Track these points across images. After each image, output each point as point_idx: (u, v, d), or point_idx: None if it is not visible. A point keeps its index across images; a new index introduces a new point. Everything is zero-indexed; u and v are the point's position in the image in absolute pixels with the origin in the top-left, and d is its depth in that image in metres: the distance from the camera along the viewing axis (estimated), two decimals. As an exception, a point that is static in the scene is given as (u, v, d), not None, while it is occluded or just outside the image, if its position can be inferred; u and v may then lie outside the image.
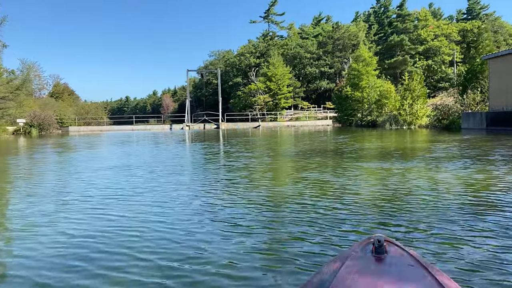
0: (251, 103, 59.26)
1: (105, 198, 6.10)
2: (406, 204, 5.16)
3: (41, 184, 7.75)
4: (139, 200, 5.87)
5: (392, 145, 15.29)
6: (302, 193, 6.09)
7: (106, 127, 46.82)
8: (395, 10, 76.05)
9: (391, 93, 34.63)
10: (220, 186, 7.04)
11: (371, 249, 1.63)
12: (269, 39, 76.14)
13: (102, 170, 9.68)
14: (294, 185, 6.90)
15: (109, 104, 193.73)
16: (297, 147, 15.76)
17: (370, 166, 9.10)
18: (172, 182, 7.63)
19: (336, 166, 9.24)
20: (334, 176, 7.72)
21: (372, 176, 7.81)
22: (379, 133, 25.45)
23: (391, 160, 10.13)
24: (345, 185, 6.75)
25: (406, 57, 65.09)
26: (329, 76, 67.82)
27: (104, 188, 6.99)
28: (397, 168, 8.45)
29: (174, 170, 9.37)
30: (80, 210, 5.28)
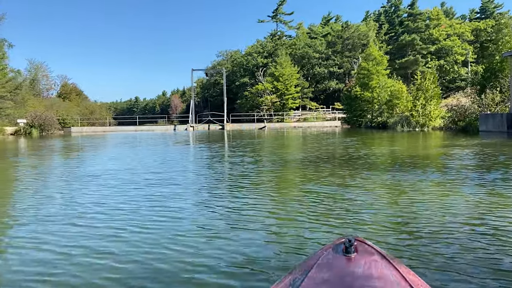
0: (258, 104, 57.97)
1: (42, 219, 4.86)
2: (429, 235, 3.87)
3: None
4: (82, 225, 4.64)
5: (405, 151, 13.79)
6: (306, 213, 5.00)
7: (109, 128, 45.86)
8: (406, 9, 74.37)
9: (403, 93, 33.02)
10: (204, 204, 5.78)
11: (342, 249, 1.66)
12: (277, 39, 74.85)
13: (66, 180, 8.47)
14: (297, 202, 5.76)
15: (119, 105, 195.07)
16: (301, 151, 14.41)
17: (381, 179, 7.73)
18: (141, 205, 6.38)
19: (343, 177, 7.91)
20: (341, 190, 6.47)
21: (383, 192, 6.49)
22: (390, 135, 24.00)
23: (405, 170, 8.74)
24: (353, 203, 5.52)
25: (418, 57, 63.42)
26: (338, 76, 66.40)
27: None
28: (412, 183, 7.07)
29: (151, 182, 8.13)
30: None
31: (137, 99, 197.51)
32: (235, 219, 4.80)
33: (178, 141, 23.81)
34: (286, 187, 7.17)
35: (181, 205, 5.63)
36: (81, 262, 3.42)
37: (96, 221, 4.79)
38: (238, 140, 23.72)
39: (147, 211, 5.27)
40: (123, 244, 3.90)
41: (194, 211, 5.28)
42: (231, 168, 9.93)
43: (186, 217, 4.93)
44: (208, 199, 6.02)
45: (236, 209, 5.28)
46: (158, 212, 5.22)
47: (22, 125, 37.59)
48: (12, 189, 7.64)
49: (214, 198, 6.10)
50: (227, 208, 5.34)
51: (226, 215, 4.99)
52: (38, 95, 66.44)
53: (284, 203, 5.69)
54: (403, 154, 12.31)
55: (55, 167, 11.28)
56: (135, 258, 3.51)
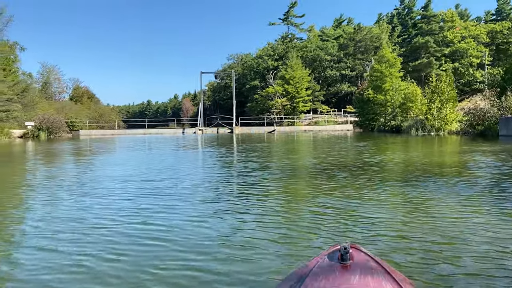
0: (269, 107, 57.12)
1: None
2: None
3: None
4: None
5: (424, 157, 12.75)
6: (318, 232, 4.34)
7: (118, 131, 45.43)
8: (419, 11, 73.14)
9: (417, 96, 31.89)
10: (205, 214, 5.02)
11: (338, 256, 1.65)
12: (288, 41, 74.06)
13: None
14: (308, 218, 5.03)
15: (131, 108, 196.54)
16: (311, 157, 13.56)
17: (400, 192, 6.88)
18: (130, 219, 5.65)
19: (358, 188, 7.08)
20: (357, 205, 5.66)
21: (405, 208, 5.66)
22: (404, 140, 23.02)
23: (427, 180, 7.87)
24: (371, 221, 4.73)
25: (432, 59, 62.16)
26: (350, 79, 65.39)
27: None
28: (436, 196, 6.23)
29: (143, 192, 7.42)
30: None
31: (149, 102, 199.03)
32: (235, 241, 4.05)
33: (185, 145, 23.15)
34: (295, 200, 6.36)
35: (175, 221, 4.88)
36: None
37: (61, 242, 4.06)
38: (246, 144, 22.96)
39: (129, 230, 4.53)
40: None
41: (189, 228, 4.54)
42: (236, 176, 9.18)
43: (177, 238, 4.17)
44: (206, 213, 5.27)
45: (238, 230, 4.52)
46: (136, 239, 4.48)
47: (30, 128, 37.34)
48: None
49: (213, 214, 5.33)
50: (228, 229, 4.58)
51: (224, 237, 4.23)
52: (50, 98, 66.69)
53: (293, 220, 4.91)
54: (422, 161, 11.31)
55: (39, 175, 10.63)
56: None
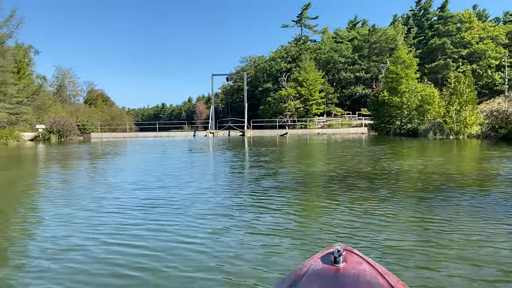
0: (282, 110, 56.29)
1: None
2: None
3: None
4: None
5: (446, 164, 11.66)
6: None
7: (129, 134, 45.10)
8: (436, 12, 71.72)
9: (435, 98, 30.75)
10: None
11: (331, 259, 1.64)
12: (302, 44, 73.20)
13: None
14: (323, 239, 4.27)
15: (145, 111, 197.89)
16: (324, 163, 12.71)
17: (424, 208, 6.07)
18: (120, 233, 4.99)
19: (378, 202, 6.28)
20: (377, 226, 4.86)
21: (430, 226, 4.88)
22: (422, 144, 22.01)
23: (460, 192, 7.03)
24: (395, 244, 3.94)
25: (448, 61, 60.71)
26: (365, 82, 64.25)
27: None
28: (475, 217, 5.41)
29: (140, 204, 6.75)
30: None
31: (164, 105, 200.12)
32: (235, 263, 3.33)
33: (194, 149, 22.51)
34: (307, 215, 5.59)
35: (164, 243, 4.18)
36: None
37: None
38: (257, 147, 22.22)
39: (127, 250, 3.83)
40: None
41: (179, 253, 3.83)
42: (242, 185, 8.46)
43: (162, 267, 3.47)
44: (202, 231, 4.56)
45: (236, 258, 3.79)
46: (112, 267, 3.79)
47: (41, 131, 37.19)
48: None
49: (210, 234, 4.62)
50: (224, 256, 3.86)
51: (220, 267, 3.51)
52: (65, 101, 67.04)
53: (305, 242, 4.17)
54: (447, 169, 10.26)
55: (26, 183, 10.06)
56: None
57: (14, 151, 22.43)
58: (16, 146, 27.55)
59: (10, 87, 32.88)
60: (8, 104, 33.24)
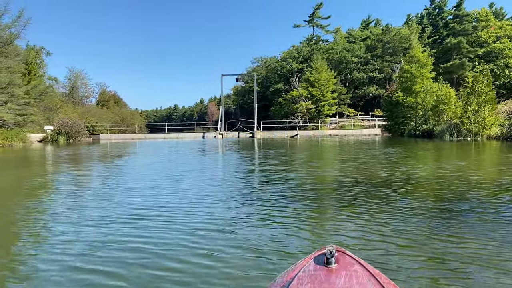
0: (293, 111, 55.34)
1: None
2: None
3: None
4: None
5: (466, 170, 10.59)
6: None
7: (138, 135, 44.69)
8: (451, 11, 70.17)
9: (451, 98, 29.64)
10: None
11: (323, 260, 1.64)
12: (313, 44, 72.25)
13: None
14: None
15: (158, 112, 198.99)
16: (336, 168, 11.83)
17: (458, 228, 5.28)
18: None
19: (390, 217, 5.51)
20: (399, 248, 4.06)
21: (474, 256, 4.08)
22: (438, 146, 21.04)
23: (483, 211, 6.22)
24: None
25: (464, 60, 59.18)
26: (378, 82, 63.07)
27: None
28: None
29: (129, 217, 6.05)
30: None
31: (176, 107, 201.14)
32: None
33: (200, 151, 21.86)
34: (317, 233, 4.84)
35: (145, 273, 3.48)
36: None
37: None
38: (266, 149, 21.49)
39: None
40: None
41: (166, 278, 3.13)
42: (245, 192, 7.72)
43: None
44: (195, 253, 3.84)
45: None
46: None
47: (49, 132, 36.95)
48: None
49: (202, 253, 3.91)
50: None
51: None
52: (77, 102, 67.17)
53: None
54: (473, 175, 9.19)
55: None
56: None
57: (14, 154, 21.97)
58: (20, 148, 27.13)
59: (17, 88, 32.59)
60: (16, 106, 32.96)
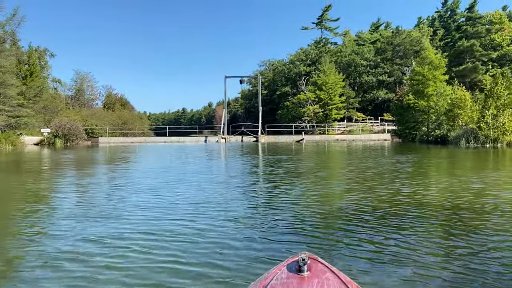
0: (300, 114, 53.52)
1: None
2: None
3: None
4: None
5: (496, 184, 8.91)
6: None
7: (138, 139, 43.30)
8: (463, 13, 68.27)
9: (466, 101, 27.79)
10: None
11: (296, 267, 1.64)
12: (322, 46, 70.62)
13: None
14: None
15: (167, 116, 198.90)
16: (342, 181, 10.13)
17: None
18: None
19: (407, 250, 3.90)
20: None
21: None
22: (455, 153, 19.27)
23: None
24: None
25: (477, 64, 57.20)
26: (388, 85, 61.22)
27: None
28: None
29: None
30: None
31: (184, 110, 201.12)
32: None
33: (198, 157, 20.34)
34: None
35: None
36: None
37: None
38: (268, 155, 19.94)
39: None
40: None
41: None
42: (235, 210, 6.17)
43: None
44: None
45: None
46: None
47: (46, 135, 35.76)
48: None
49: None
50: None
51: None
52: (83, 105, 66.21)
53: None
54: (497, 193, 7.73)
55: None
56: None
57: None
58: (7, 152, 25.62)
59: (10, 88, 31.31)
60: (8, 107, 31.65)
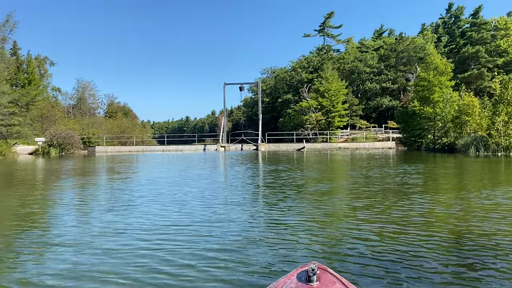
0: (302, 122, 52.29)
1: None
2: None
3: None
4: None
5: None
6: None
7: (136, 148, 42.19)
8: (468, 19, 67.20)
9: (475, 108, 26.56)
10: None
11: (306, 277, 1.63)
12: (324, 53, 69.61)
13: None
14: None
15: (170, 124, 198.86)
16: (345, 195, 9.01)
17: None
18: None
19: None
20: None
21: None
22: (465, 163, 18.01)
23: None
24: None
25: (483, 70, 55.96)
26: (392, 93, 60.08)
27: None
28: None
29: None
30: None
31: (188, 118, 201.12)
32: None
33: (192, 167, 19.19)
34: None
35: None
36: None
37: None
38: (267, 164, 18.74)
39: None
40: None
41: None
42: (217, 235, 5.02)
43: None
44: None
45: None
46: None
47: (40, 144, 34.76)
48: None
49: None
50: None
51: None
52: (84, 114, 65.44)
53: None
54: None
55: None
56: None
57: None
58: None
59: (1, 96, 30.27)
60: (1, 115, 30.63)
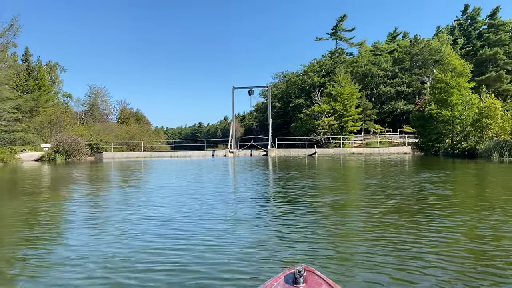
0: (315, 127, 51.03)
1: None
2: None
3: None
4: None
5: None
6: None
7: (144, 154, 41.41)
8: (485, 21, 65.38)
9: (496, 110, 25.09)
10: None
11: (292, 279, 1.64)
12: (337, 57, 68.33)
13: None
14: None
15: (183, 130, 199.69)
16: (359, 210, 7.89)
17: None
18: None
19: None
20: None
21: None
22: (490, 169, 16.64)
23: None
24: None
25: (501, 72, 54.22)
26: (407, 96, 58.52)
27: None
28: None
29: None
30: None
31: (201, 124, 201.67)
32: None
33: (194, 174, 18.19)
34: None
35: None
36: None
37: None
38: (275, 171, 17.61)
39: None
40: None
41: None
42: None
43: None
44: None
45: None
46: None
47: (46, 151, 34.20)
48: None
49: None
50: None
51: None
52: (96, 120, 65.25)
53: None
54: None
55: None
56: None
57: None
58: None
59: (3, 102, 29.73)
60: (4, 121, 30.03)
